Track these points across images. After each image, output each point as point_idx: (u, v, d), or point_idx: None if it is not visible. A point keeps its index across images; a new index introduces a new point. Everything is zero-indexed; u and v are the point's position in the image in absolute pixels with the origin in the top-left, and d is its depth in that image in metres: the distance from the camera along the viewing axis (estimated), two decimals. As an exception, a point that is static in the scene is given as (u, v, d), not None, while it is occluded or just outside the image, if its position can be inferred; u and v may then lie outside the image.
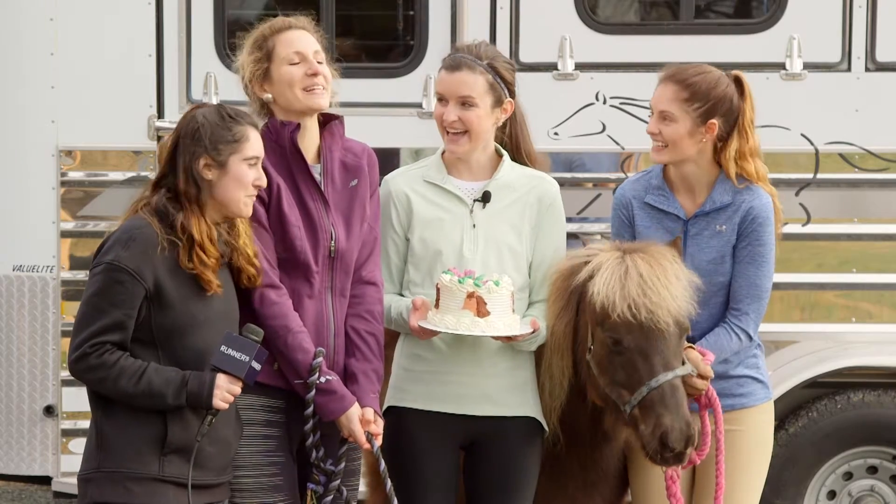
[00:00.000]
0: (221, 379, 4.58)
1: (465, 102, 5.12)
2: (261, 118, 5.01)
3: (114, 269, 4.57)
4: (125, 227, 4.66)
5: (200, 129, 4.69)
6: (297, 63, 4.98)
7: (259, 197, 4.84)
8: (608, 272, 4.99)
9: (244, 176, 4.70)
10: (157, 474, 4.58)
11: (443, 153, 5.24)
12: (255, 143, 4.73)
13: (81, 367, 4.60)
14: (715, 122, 5.28)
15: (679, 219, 5.37)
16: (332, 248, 4.99)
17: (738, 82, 5.36)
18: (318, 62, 5.01)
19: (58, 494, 7.17)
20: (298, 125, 4.98)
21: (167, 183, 4.72)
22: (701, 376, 5.10)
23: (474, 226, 5.13)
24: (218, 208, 4.72)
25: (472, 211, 5.15)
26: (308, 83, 4.97)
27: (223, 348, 4.58)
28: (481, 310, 4.93)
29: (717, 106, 5.28)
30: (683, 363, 5.00)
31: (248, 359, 4.57)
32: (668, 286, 4.98)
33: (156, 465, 4.59)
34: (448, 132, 5.16)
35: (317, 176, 5.02)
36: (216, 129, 4.69)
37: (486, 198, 5.14)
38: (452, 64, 5.16)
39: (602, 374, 5.01)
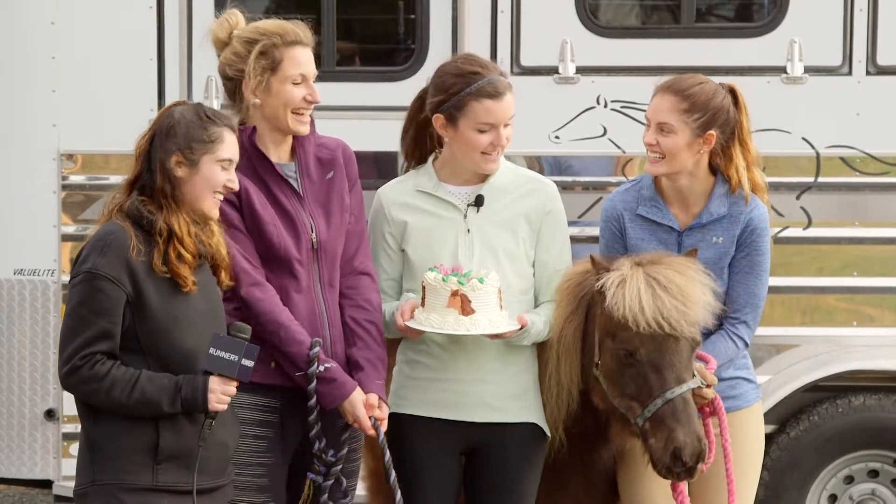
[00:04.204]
0: (214, 382, 4.55)
1: (508, 123, 5.09)
2: (234, 113, 5.00)
3: (93, 277, 4.55)
4: (99, 235, 4.64)
5: (176, 126, 4.68)
6: (300, 84, 4.98)
7: (230, 201, 4.86)
8: (632, 284, 4.93)
9: (215, 177, 4.69)
10: (151, 484, 4.55)
11: (434, 161, 5.20)
12: (229, 146, 4.72)
13: (73, 381, 4.59)
14: (713, 133, 5.26)
15: (673, 230, 5.35)
16: (314, 240, 5.00)
17: (733, 93, 5.35)
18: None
19: (59, 498, 7.16)
20: (255, 128, 4.98)
21: (144, 181, 4.69)
22: (708, 385, 5.10)
23: (468, 230, 5.10)
24: (186, 207, 4.69)
25: (465, 216, 5.12)
26: (302, 107, 4.98)
27: (212, 350, 4.55)
28: (465, 308, 4.90)
29: (715, 117, 5.27)
30: (693, 376, 5.00)
31: (237, 357, 4.54)
32: (698, 295, 4.96)
33: (149, 475, 4.55)
34: (490, 153, 5.07)
35: (291, 174, 5.04)
36: (192, 128, 4.68)
37: (479, 201, 5.11)
38: (497, 91, 5.05)
39: (612, 386, 5.00)
